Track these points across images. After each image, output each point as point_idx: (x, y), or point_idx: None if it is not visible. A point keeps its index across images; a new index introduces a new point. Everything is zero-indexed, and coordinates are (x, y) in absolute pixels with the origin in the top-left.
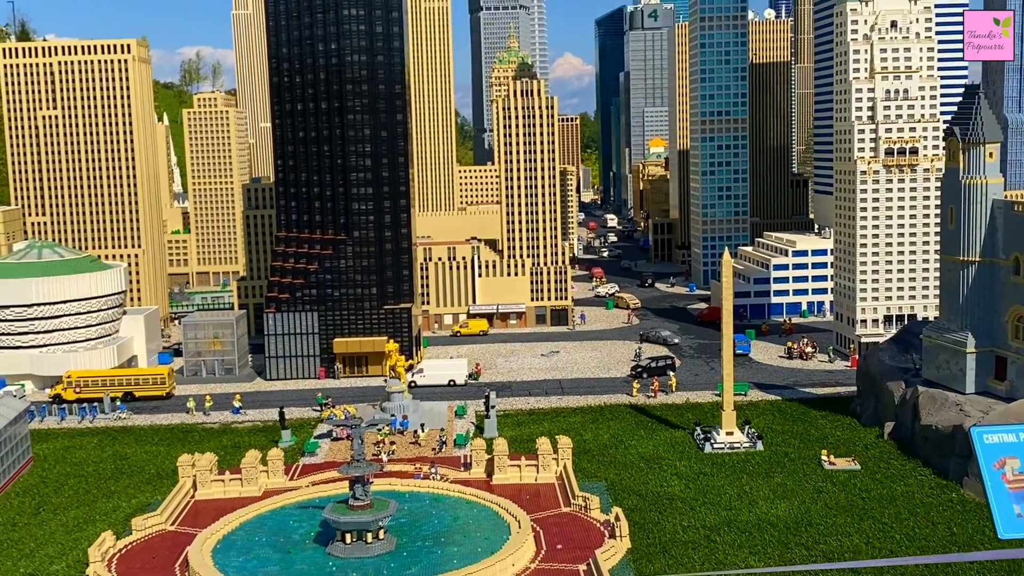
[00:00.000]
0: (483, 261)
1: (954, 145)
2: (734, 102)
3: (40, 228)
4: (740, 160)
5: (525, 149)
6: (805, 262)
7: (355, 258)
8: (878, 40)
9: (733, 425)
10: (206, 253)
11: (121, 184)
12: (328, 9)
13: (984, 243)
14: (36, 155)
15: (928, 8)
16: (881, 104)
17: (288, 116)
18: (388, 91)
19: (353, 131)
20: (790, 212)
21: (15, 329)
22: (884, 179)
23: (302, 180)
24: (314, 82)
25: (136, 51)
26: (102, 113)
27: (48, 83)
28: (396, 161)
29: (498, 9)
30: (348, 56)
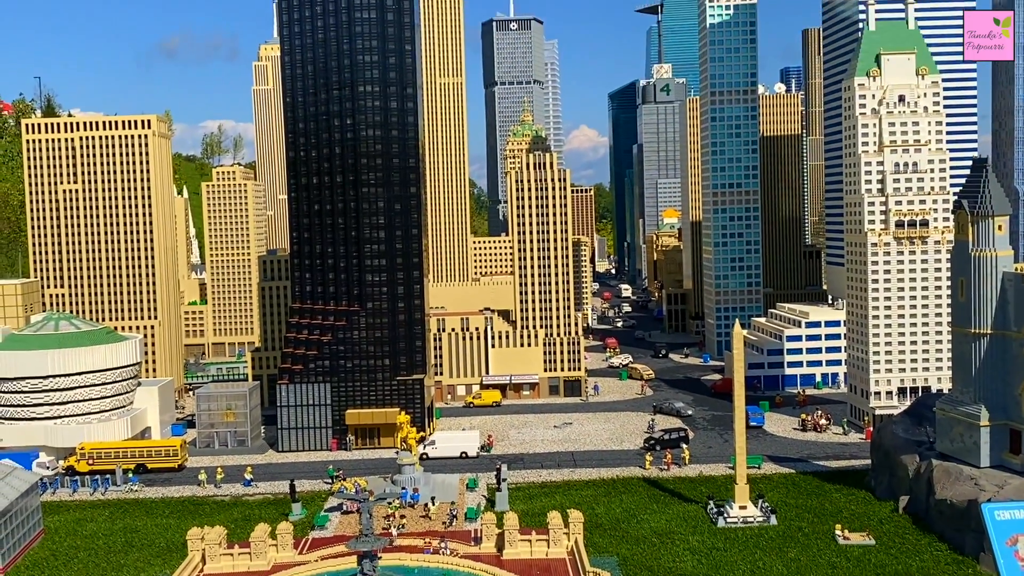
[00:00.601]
0: (496, 331)
1: (963, 218)
2: (745, 174)
3: (58, 300)
4: (752, 231)
5: (538, 220)
6: (818, 333)
7: (368, 329)
8: (886, 114)
9: (746, 499)
10: (222, 324)
11: (139, 257)
12: (344, 85)
13: (995, 316)
14: (56, 228)
15: (936, 83)
16: (891, 177)
17: (304, 189)
18: (402, 164)
19: (367, 203)
20: (803, 283)
21: (30, 401)
22: (895, 251)
23: (317, 252)
24: (330, 156)
25: (156, 126)
26: (122, 187)
27: (69, 157)
28: (410, 233)
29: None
30: (363, 130)
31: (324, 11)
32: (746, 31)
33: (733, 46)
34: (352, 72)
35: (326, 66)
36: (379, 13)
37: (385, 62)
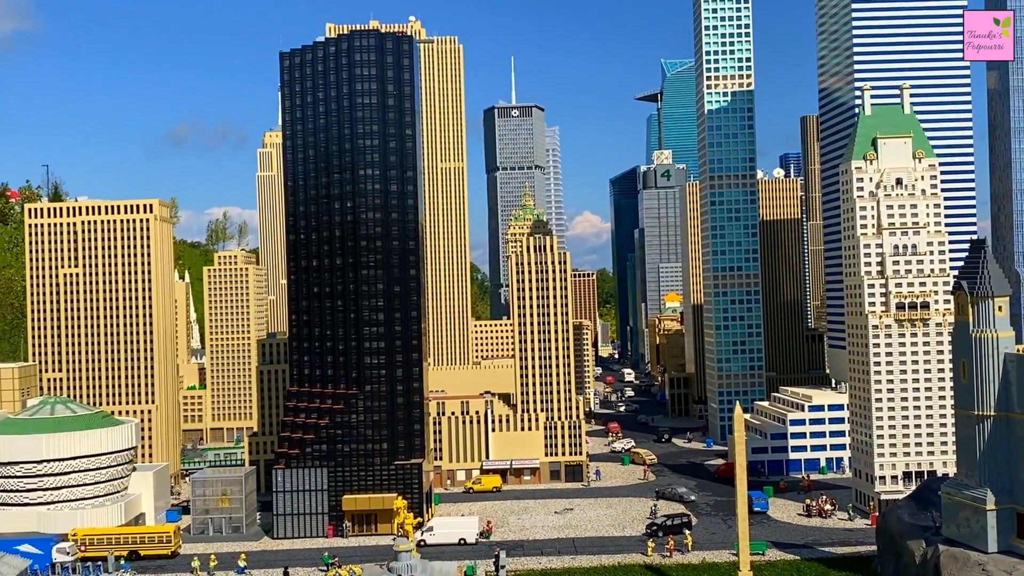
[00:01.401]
0: (497, 415)
1: (962, 299)
2: (746, 258)
3: (56, 384)
4: (754, 315)
5: (539, 304)
6: (822, 417)
7: (366, 412)
8: (884, 197)
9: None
10: (221, 409)
11: (138, 341)
12: (345, 169)
13: (999, 397)
14: (56, 312)
15: (933, 166)
16: (890, 259)
17: (304, 272)
18: (402, 247)
19: (367, 286)
20: (806, 367)
21: (24, 486)
22: (896, 333)
23: (316, 335)
24: (330, 239)
25: (158, 210)
26: (122, 271)
27: (71, 241)
28: (409, 316)
29: (514, 169)
30: (363, 213)
31: (327, 97)
32: (744, 117)
33: (731, 132)
34: (353, 156)
35: (327, 150)
36: (380, 99)
37: (386, 146)
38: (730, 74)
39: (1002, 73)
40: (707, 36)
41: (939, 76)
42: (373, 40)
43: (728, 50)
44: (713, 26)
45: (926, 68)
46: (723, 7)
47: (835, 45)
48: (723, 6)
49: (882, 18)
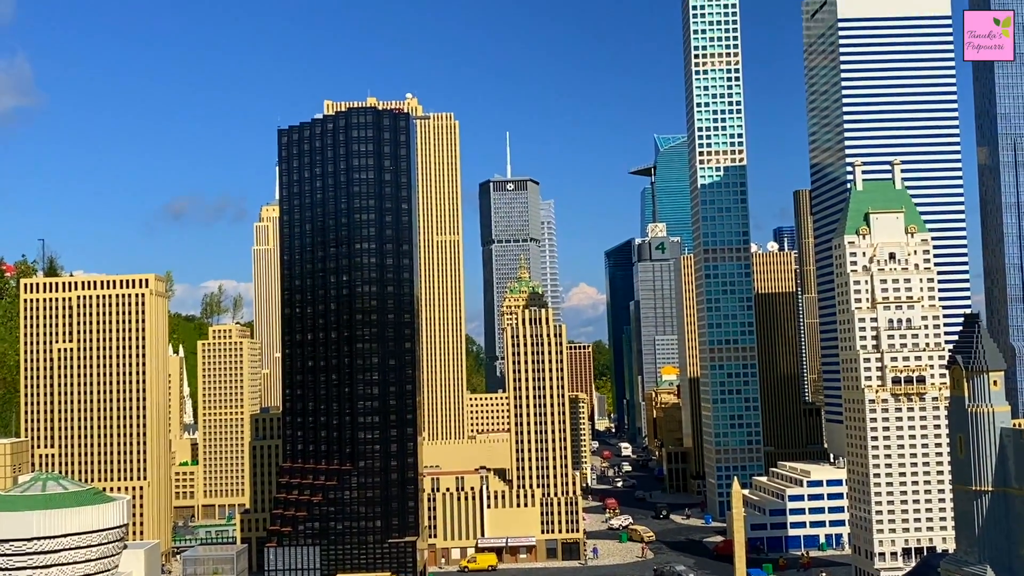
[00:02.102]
0: (492, 491)
1: (958, 373)
2: (741, 331)
3: (48, 460)
4: (751, 388)
5: (534, 377)
6: (820, 492)
7: (360, 489)
8: (878, 271)
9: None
10: (213, 485)
11: (131, 417)
12: (341, 243)
13: (996, 472)
14: (49, 387)
15: (925, 240)
16: (885, 333)
17: (299, 345)
18: (397, 320)
19: (362, 360)
20: (804, 441)
21: (14, 564)
22: (893, 408)
23: (310, 409)
24: (325, 312)
25: (153, 285)
26: (117, 346)
27: (66, 317)
28: (404, 390)
29: (510, 242)
30: (359, 287)
31: (324, 172)
32: (736, 192)
33: (724, 206)
34: (349, 230)
35: (324, 225)
36: (377, 174)
37: (382, 220)
38: (722, 149)
39: (992, 149)
40: (699, 112)
41: (930, 151)
42: (370, 117)
43: (720, 126)
44: (705, 103)
45: (917, 143)
46: (715, 84)
47: (826, 121)
48: (715, 83)
49: (872, 95)
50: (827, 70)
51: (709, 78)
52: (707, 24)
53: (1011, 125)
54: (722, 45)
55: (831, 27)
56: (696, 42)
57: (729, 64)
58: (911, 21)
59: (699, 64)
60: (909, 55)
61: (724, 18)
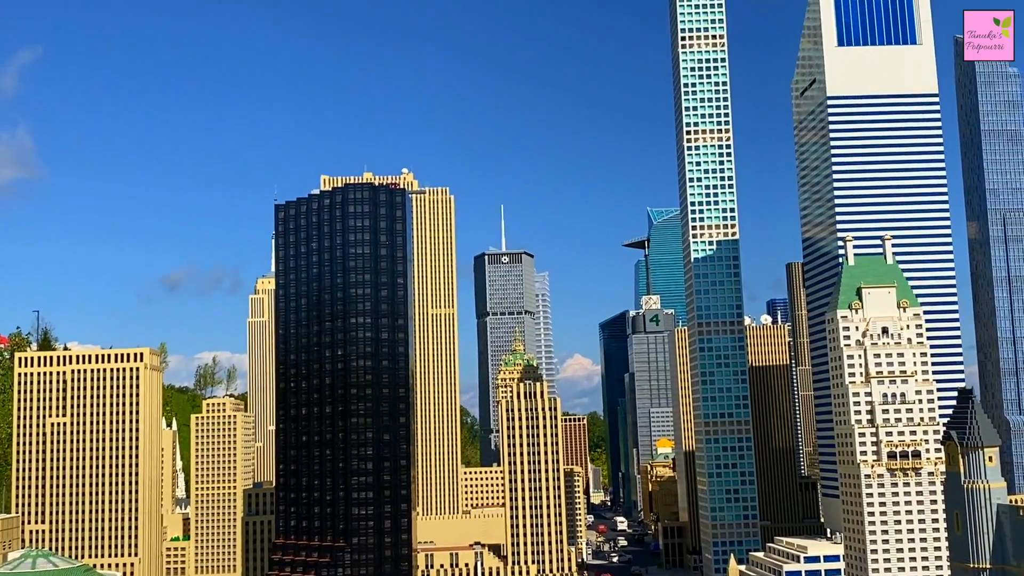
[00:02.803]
0: (487, 568)
1: (953, 449)
2: (736, 404)
3: (39, 536)
4: (746, 462)
5: (530, 450)
6: (818, 568)
7: (353, 566)
8: (871, 346)
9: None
10: (205, 561)
11: (123, 492)
12: (336, 316)
13: (993, 549)
14: (41, 462)
15: (917, 315)
16: (879, 408)
17: (293, 420)
18: (392, 395)
19: (356, 434)
20: (800, 516)
21: None
22: (889, 483)
23: (303, 484)
24: (319, 386)
25: (148, 359)
26: (110, 420)
27: (60, 390)
28: (398, 464)
29: (504, 315)
30: (354, 361)
31: (320, 247)
32: (729, 265)
33: (717, 279)
34: (345, 304)
35: (320, 298)
36: (373, 249)
37: (377, 294)
38: (715, 223)
39: (981, 223)
40: (691, 187)
41: (920, 226)
42: (366, 193)
43: (712, 200)
44: (697, 178)
45: (907, 218)
46: (707, 159)
47: (817, 196)
48: (707, 158)
49: (862, 170)
50: (817, 146)
51: (701, 153)
52: (699, 100)
53: (1000, 200)
54: (714, 121)
55: (820, 104)
56: (688, 118)
57: (721, 140)
58: (899, 99)
59: (691, 139)
60: (898, 131)
61: (715, 95)
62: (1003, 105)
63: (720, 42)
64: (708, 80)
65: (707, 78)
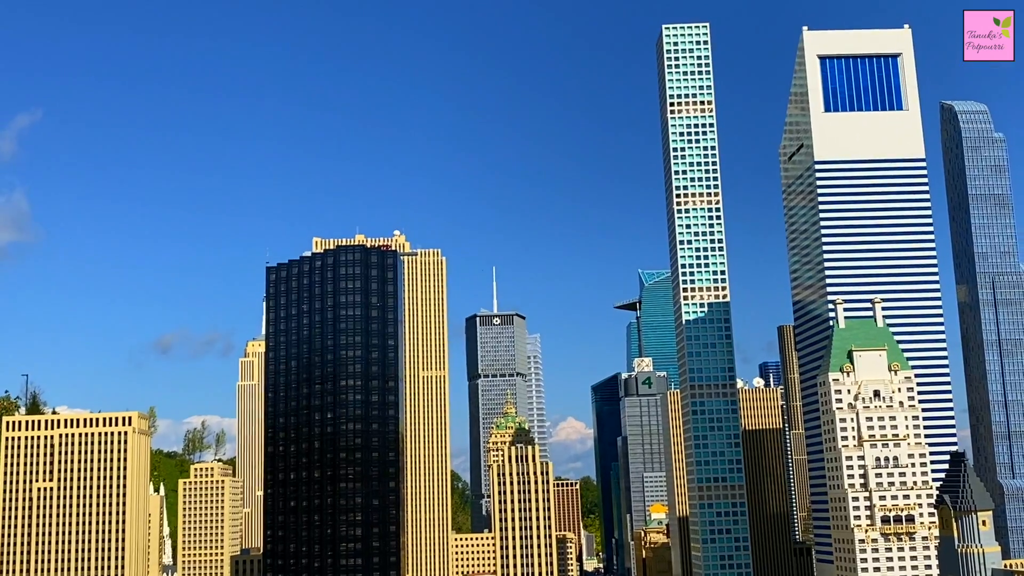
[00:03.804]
0: None
1: (946, 514)
2: (729, 468)
3: None
4: (740, 528)
5: (521, 515)
6: None
7: None
8: (863, 409)
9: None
10: None
11: (110, 558)
12: (327, 379)
13: None
14: (28, 527)
15: (909, 378)
16: (872, 472)
17: (281, 485)
18: (382, 459)
19: (345, 500)
20: None
21: None
22: (883, 547)
23: (291, 551)
24: (308, 450)
25: (136, 423)
26: (98, 484)
27: (48, 455)
28: (387, 531)
29: (496, 377)
30: (343, 424)
31: (311, 309)
32: (721, 327)
33: (709, 342)
34: (335, 366)
35: (310, 361)
36: (364, 311)
37: (368, 356)
38: (706, 286)
39: (971, 287)
40: (682, 250)
41: (910, 289)
42: (358, 255)
43: (703, 263)
44: (687, 240)
45: (897, 281)
46: (697, 222)
47: (806, 259)
48: (697, 221)
49: (850, 233)
50: (805, 210)
51: (691, 216)
52: (688, 164)
53: (988, 264)
54: (703, 184)
55: (808, 169)
56: (677, 181)
57: (710, 203)
58: (886, 163)
59: (681, 203)
60: (886, 196)
61: (704, 159)
62: (990, 170)
63: (708, 107)
64: (697, 144)
65: (696, 143)
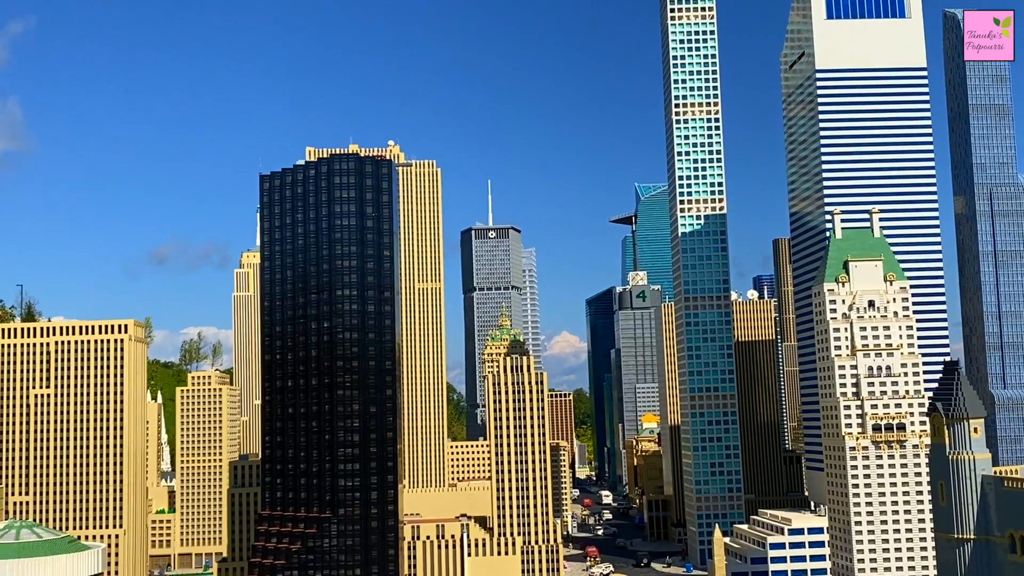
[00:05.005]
0: (473, 539)
1: (938, 421)
2: (722, 378)
3: (23, 508)
4: (731, 436)
5: (516, 424)
6: (802, 540)
7: (339, 537)
8: (857, 319)
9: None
10: (190, 533)
11: (107, 464)
12: (323, 289)
13: (977, 520)
14: (25, 433)
15: (904, 288)
16: (865, 381)
17: (279, 392)
18: (378, 367)
19: (342, 406)
20: (784, 489)
21: None
22: (874, 455)
23: (289, 456)
24: (305, 359)
25: (132, 331)
26: (94, 392)
27: (43, 362)
28: (384, 437)
29: (491, 290)
30: (340, 334)
31: (305, 219)
32: (717, 240)
33: (704, 254)
34: (331, 276)
35: (305, 271)
36: (359, 221)
37: (364, 267)
38: (703, 198)
39: (968, 198)
40: (679, 161)
41: (907, 200)
42: (353, 164)
43: (700, 175)
44: (685, 152)
45: (894, 192)
46: (695, 133)
47: (804, 170)
48: (695, 132)
49: (850, 144)
50: (805, 120)
51: (689, 127)
52: (687, 74)
53: (987, 175)
54: (702, 94)
55: (809, 78)
56: (676, 91)
57: (709, 113)
58: (887, 73)
59: (679, 113)
60: (886, 105)
61: (704, 67)
62: (991, 79)
63: (709, 14)
64: (697, 52)
65: (696, 51)
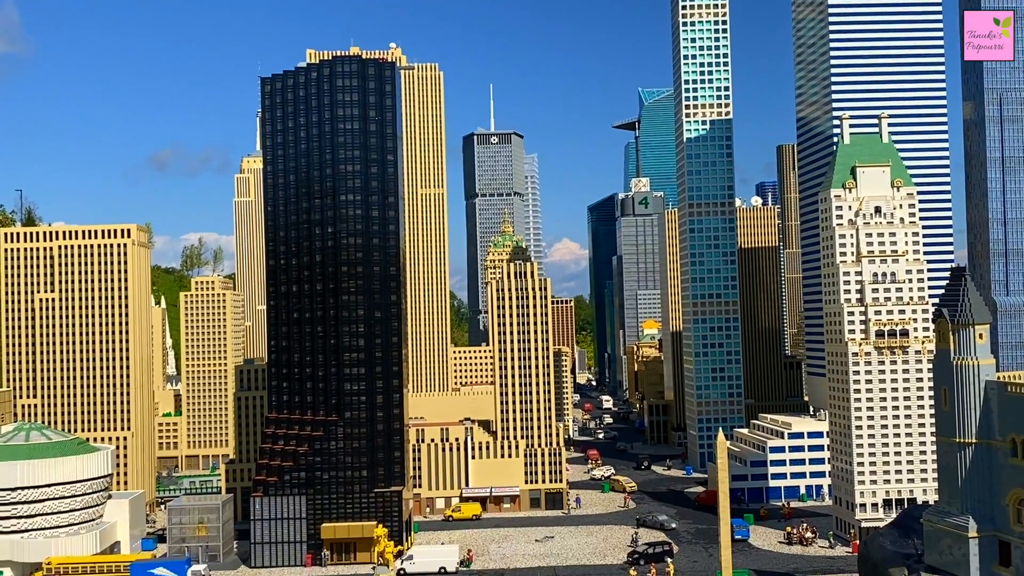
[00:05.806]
0: (476, 442)
1: (944, 326)
2: (724, 285)
3: (31, 410)
4: (732, 342)
5: (518, 330)
6: (801, 444)
7: (346, 439)
8: (863, 225)
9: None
10: (197, 436)
11: (114, 367)
12: (326, 194)
13: (980, 424)
14: (31, 337)
15: (911, 195)
16: (869, 287)
17: (283, 297)
18: (383, 273)
19: (347, 311)
20: (784, 394)
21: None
22: (876, 361)
23: (295, 360)
24: (310, 264)
25: (136, 235)
26: (99, 296)
27: (47, 266)
28: (389, 341)
29: (493, 196)
30: (344, 239)
31: (307, 122)
32: (722, 145)
33: (709, 160)
34: (334, 181)
35: (308, 176)
36: (362, 124)
37: (367, 171)
38: (708, 103)
39: (978, 103)
40: (686, 65)
41: (916, 105)
42: (355, 66)
43: (707, 79)
44: (692, 55)
45: (903, 97)
46: (702, 36)
47: (813, 75)
48: (702, 35)
49: (859, 48)
50: (815, 23)
51: (696, 30)
52: None
53: (997, 80)
54: None
55: None
56: None
57: (716, 16)
58: None
59: (686, 15)
60: (896, 9)
61: None
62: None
63: None
64: None
65: None
